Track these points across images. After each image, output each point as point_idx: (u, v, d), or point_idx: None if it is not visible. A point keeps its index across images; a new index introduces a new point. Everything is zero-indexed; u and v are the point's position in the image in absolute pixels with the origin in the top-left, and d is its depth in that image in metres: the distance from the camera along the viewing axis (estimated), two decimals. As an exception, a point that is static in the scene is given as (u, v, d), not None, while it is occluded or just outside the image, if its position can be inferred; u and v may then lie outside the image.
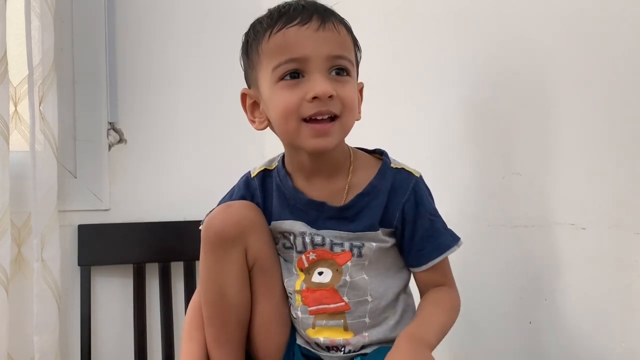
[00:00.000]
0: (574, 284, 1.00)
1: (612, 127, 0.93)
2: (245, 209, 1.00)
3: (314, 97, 0.89)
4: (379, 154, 1.03)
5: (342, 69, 0.93)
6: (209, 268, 0.99)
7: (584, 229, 0.98)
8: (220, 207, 1.01)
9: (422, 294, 1.01)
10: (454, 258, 1.01)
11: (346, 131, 0.95)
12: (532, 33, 1.06)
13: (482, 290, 1.17)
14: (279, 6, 0.96)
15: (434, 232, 0.98)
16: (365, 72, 1.02)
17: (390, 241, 0.99)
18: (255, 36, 0.96)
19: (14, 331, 1.55)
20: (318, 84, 0.89)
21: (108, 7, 1.76)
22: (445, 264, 1.00)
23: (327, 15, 0.93)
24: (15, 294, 1.57)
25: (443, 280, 1.00)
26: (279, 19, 0.93)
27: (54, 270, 1.58)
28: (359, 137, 1.06)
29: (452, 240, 0.99)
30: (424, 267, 0.98)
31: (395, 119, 1.40)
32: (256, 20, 0.98)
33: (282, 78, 0.92)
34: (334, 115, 0.91)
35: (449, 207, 1.21)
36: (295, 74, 0.91)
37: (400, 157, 1.04)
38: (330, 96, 0.90)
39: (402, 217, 0.97)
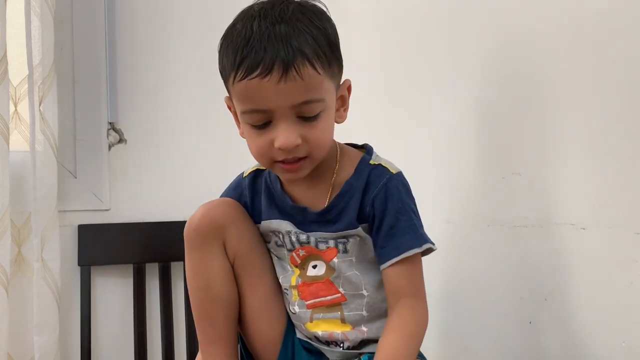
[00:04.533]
0: (574, 284, 1.00)
1: (612, 127, 0.93)
2: (222, 206, 1.02)
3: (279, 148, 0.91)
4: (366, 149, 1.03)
5: (308, 116, 0.91)
6: (192, 265, 1.02)
7: (584, 229, 0.98)
8: (200, 206, 1.03)
9: (387, 300, 0.97)
10: (454, 258, 1.01)
11: (317, 162, 0.96)
12: (532, 33, 1.06)
13: (482, 290, 1.17)
14: (241, 32, 0.90)
15: (398, 231, 0.95)
16: (366, 73, 1.02)
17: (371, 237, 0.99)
18: (224, 66, 0.94)
19: (14, 331, 1.55)
20: (281, 135, 0.90)
21: (108, 7, 1.76)
22: (411, 269, 0.95)
23: (290, 61, 0.87)
24: (15, 294, 1.57)
25: (407, 288, 0.95)
26: (241, 64, 0.89)
27: (54, 270, 1.59)
28: (359, 137, 1.06)
29: (414, 242, 0.95)
30: (384, 266, 0.96)
31: (396, 120, 1.40)
32: (225, 39, 0.94)
33: (250, 123, 0.93)
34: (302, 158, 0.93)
35: (449, 207, 1.21)
36: (264, 123, 0.91)
37: (400, 157, 1.04)
38: (297, 145, 0.91)
39: (373, 212, 0.96)
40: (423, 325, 0.96)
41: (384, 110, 1.42)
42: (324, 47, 0.92)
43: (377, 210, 0.96)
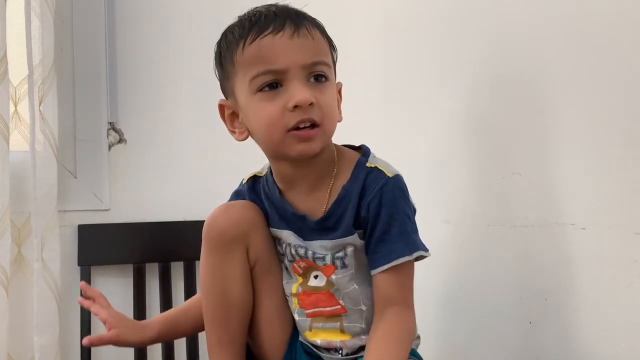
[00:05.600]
0: (574, 284, 1.00)
1: (611, 127, 0.94)
2: (246, 209, 1.01)
3: (295, 106, 0.89)
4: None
5: (321, 74, 0.92)
6: (211, 269, 0.99)
7: (584, 229, 0.98)
8: (221, 207, 1.01)
9: (375, 305, 0.96)
10: (454, 258, 1.01)
11: (328, 137, 0.95)
12: (532, 33, 1.06)
13: (482, 290, 1.17)
14: (249, 14, 0.94)
15: (390, 238, 0.93)
16: (366, 73, 1.02)
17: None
18: (228, 47, 0.94)
19: (14, 331, 1.55)
20: (298, 92, 0.89)
21: (108, 7, 1.76)
22: (402, 277, 0.94)
23: (300, 20, 0.91)
24: (15, 294, 1.57)
25: (397, 297, 0.93)
26: (252, 28, 0.91)
27: (54, 270, 1.58)
28: (357, 137, 1.06)
29: (405, 249, 0.92)
30: (374, 272, 0.94)
31: (395, 120, 1.40)
32: (227, 29, 0.97)
33: (260, 89, 0.91)
34: (315, 124, 0.91)
35: (449, 207, 1.21)
36: (274, 84, 0.90)
37: (400, 157, 1.04)
38: (311, 103, 0.89)
39: (367, 217, 0.94)
40: (411, 335, 0.95)
41: (383, 110, 1.42)
42: (325, 33, 0.95)
43: (371, 215, 0.94)
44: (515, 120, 1.10)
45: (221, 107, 1.00)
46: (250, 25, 0.91)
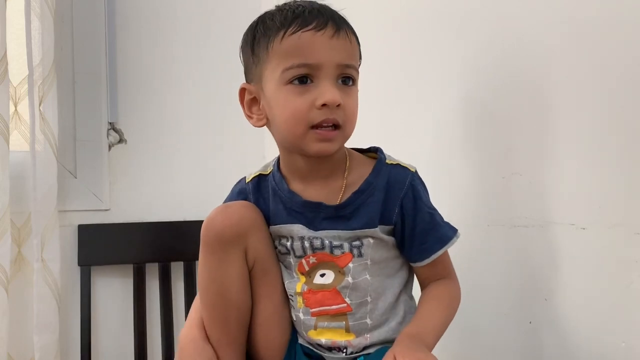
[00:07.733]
0: (574, 284, 1.00)
1: (612, 127, 0.94)
2: (244, 209, 1.00)
3: (323, 105, 0.91)
4: (374, 152, 1.03)
5: (350, 77, 0.95)
6: (209, 269, 0.99)
7: (584, 229, 0.98)
8: (220, 207, 1.01)
9: (422, 288, 1.02)
10: (453, 257, 1.01)
11: (346, 139, 0.97)
12: (533, 34, 1.06)
13: (482, 290, 1.17)
14: (291, 6, 0.95)
15: (435, 225, 0.98)
16: (366, 73, 1.02)
17: (388, 239, 0.98)
18: (266, 32, 0.95)
19: (14, 331, 1.55)
20: (328, 91, 0.91)
21: (108, 7, 1.77)
22: (446, 256, 1.01)
23: (341, 23, 0.94)
24: (15, 294, 1.57)
25: (444, 273, 1.01)
26: (294, 20, 0.92)
27: (54, 270, 1.59)
28: (359, 137, 1.06)
29: (451, 232, 0.99)
30: (427, 261, 0.98)
31: (396, 119, 1.40)
32: (266, 15, 0.97)
33: (291, 81, 0.92)
34: (337, 125, 0.93)
35: (449, 207, 1.21)
36: (305, 79, 0.92)
37: (400, 157, 1.04)
38: (338, 105, 0.91)
39: (401, 213, 0.97)
40: (457, 298, 1.01)
41: (383, 109, 1.42)
42: (358, 40, 0.98)
43: (407, 210, 0.97)
44: (515, 120, 1.10)
45: (242, 91, 1.00)
46: (294, 17, 0.93)
